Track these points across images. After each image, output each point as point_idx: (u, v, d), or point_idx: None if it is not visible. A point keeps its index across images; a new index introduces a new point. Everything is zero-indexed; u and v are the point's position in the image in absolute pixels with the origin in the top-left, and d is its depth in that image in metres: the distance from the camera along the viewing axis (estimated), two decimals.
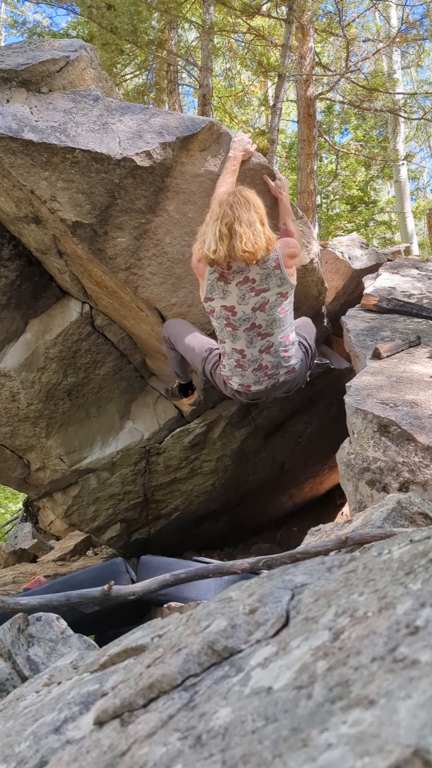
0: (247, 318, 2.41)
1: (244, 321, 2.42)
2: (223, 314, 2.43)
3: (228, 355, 2.54)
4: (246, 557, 2.33)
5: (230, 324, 2.44)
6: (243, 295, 2.37)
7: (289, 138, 14.22)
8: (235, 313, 2.41)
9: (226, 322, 2.44)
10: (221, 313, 2.43)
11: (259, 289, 2.36)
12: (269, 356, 2.50)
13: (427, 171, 17.67)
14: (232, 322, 2.43)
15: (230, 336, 2.47)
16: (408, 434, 1.95)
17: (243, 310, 2.40)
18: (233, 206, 2.26)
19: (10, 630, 1.34)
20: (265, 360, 2.50)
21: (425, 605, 0.55)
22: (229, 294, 2.37)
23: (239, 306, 2.39)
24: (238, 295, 2.37)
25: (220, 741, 0.52)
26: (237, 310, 2.40)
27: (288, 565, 0.86)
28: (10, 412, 3.49)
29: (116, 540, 4.17)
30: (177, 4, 7.43)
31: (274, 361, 2.51)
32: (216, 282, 2.37)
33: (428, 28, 7.98)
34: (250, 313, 2.40)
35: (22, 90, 2.59)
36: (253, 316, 2.41)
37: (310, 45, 7.82)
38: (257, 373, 2.54)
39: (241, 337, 2.45)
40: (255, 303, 2.38)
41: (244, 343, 2.46)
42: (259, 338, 2.45)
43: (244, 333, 2.44)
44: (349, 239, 4.19)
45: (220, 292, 2.38)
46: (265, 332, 2.45)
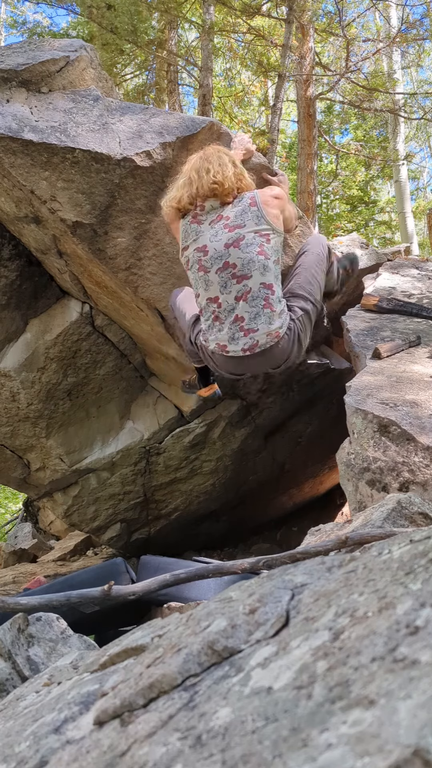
0: (219, 256, 2.22)
1: (216, 260, 2.23)
2: (196, 257, 2.27)
3: (204, 309, 2.32)
4: (246, 557, 2.33)
5: (202, 267, 2.26)
6: (216, 233, 2.25)
7: (289, 138, 14.22)
8: (207, 252, 2.24)
9: (199, 266, 2.27)
10: (195, 258, 2.28)
11: (232, 225, 2.24)
12: (246, 304, 2.22)
13: (427, 171, 17.67)
14: (204, 264, 2.25)
15: (203, 282, 2.27)
16: (408, 434, 1.95)
17: (215, 246, 2.24)
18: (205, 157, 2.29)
19: (10, 630, 1.34)
20: (240, 309, 2.22)
21: (425, 605, 0.55)
22: (202, 234, 2.27)
23: (211, 243, 2.24)
24: (210, 233, 2.25)
25: (220, 741, 0.52)
26: (209, 247, 2.24)
27: (288, 565, 0.86)
28: (10, 412, 3.49)
29: (116, 540, 4.17)
30: (177, 4, 7.43)
31: (251, 312, 2.22)
32: (189, 225, 2.29)
33: (428, 28, 7.98)
34: (222, 250, 2.22)
35: (22, 90, 2.59)
36: (225, 253, 2.22)
37: (310, 45, 7.82)
38: (233, 327, 2.25)
39: (213, 282, 2.24)
40: (228, 239, 2.22)
41: (218, 288, 2.23)
42: (234, 281, 2.22)
43: (217, 275, 2.23)
44: (349, 239, 4.19)
45: (194, 235, 2.28)
46: (241, 273, 2.21)
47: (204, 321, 2.33)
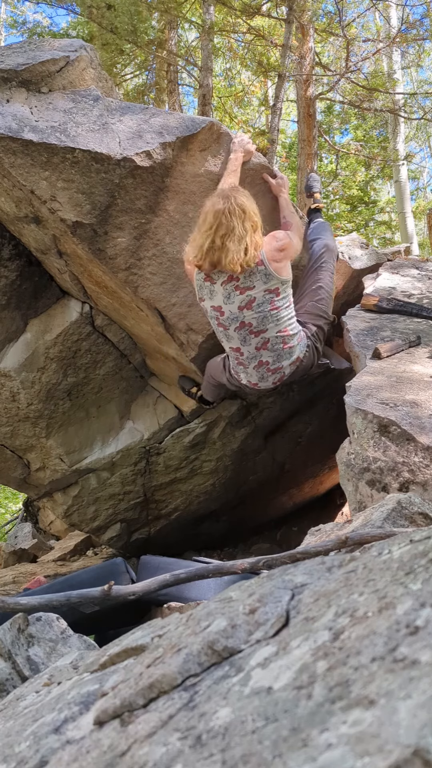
0: (235, 317, 2.39)
1: (232, 320, 2.41)
2: (213, 314, 2.44)
3: (229, 354, 2.57)
4: (246, 557, 2.33)
5: (221, 324, 2.44)
6: (228, 295, 2.35)
7: (289, 138, 14.22)
8: (223, 313, 2.40)
9: (217, 322, 2.45)
10: (212, 314, 2.44)
11: (243, 287, 2.34)
12: (267, 352, 2.47)
13: (427, 171, 17.67)
14: (222, 322, 2.43)
15: (224, 336, 2.48)
16: (408, 434, 1.95)
17: (230, 309, 2.38)
18: (228, 216, 2.22)
19: (10, 630, 1.34)
20: (264, 356, 2.48)
21: (425, 605, 0.55)
22: (215, 294, 2.37)
23: (225, 305, 2.38)
24: (223, 294, 2.36)
25: (220, 741, 0.52)
26: (224, 309, 2.39)
27: (288, 565, 0.86)
28: (10, 412, 3.49)
29: (116, 540, 4.17)
30: (177, 4, 7.43)
31: (273, 356, 2.48)
32: (203, 282, 2.38)
33: (428, 28, 7.98)
34: (237, 312, 2.38)
35: (22, 90, 2.59)
36: (240, 315, 2.38)
37: (310, 45, 7.82)
38: (259, 370, 2.52)
39: (233, 336, 2.45)
40: (240, 302, 2.36)
41: (238, 341, 2.45)
42: (253, 336, 2.43)
43: (236, 332, 2.43)
44: (349, 239, 4.19)
45: (208, 293, 2.39)
46: (258, 329, 2.41)
47: (230, 361, 2.59)
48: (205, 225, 2.26)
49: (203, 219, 2.29)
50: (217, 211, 2.23)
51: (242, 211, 2.24)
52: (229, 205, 2.23)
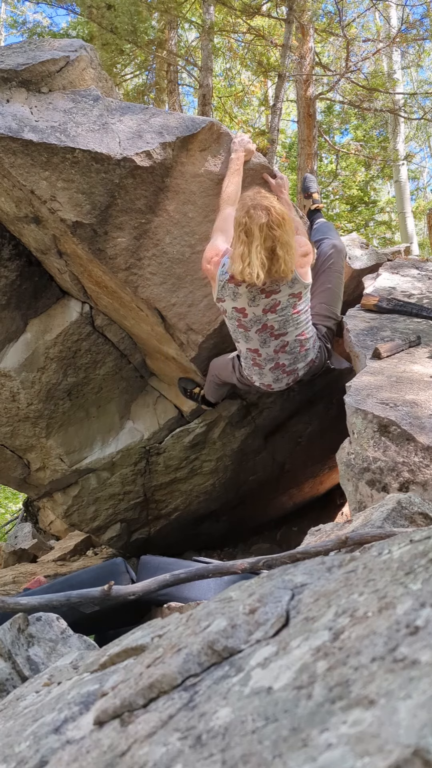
0: (258, 320, 2.41)
1: (255, 322, 2.41)
2: (234, 315, 2.43)
3: (244, 355, 2.57)
4: (246, 557, 2.33)
5: (242, 325, 2.44)
6: (253, 297, 2.36)
7: (289, 138, 14.22)
8: (246, 315, 2.40)
9: (238, 323, 2.45)
10: (233, 315, 2.43)
11: (269, 291, 2.34)
12: (285, 355, 2.51)
13: (427, 171, 17.67)
14: (244, 324, 2.43)
15: (243, 337, 2.48)
16: (408, 434, 1.95)
17: (254, 312, 2.39)
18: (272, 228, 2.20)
19: (10, 630, 1.34)
20: (281, 359, 2.52)
21: (425, 605, 0.55)
22: (240, 296, 2.36)
23: (249, 308, 2.38)
24: (248, 297, 2.36)
25: (220, 741, 0.52)
26: (248, 311, 2.39)
27: (288, 565, 0.86)
28: (10, 412, 3.49)
29: (116, 540, 4.17)
30: (177, 4, 7.43)
31: (290, 358, 2.53)
32: (227, 283, 2.36)
33: (428, 28, 7.98)
34: (261, 315, 2.39)
35: (22, 90, 2.59)
36: (264, 318, 2.40)
37: (310, 45, 7.82)
38: (275, 371, 2.55)
39: (253, 338, 2.46)
40: (265, 305, 2.37)
41: (258, 343, 2.47)
42: (273, 339, 2.46)
43: (257, 334, 2.44)
44: (349, 239, 4.19)
45: (231, 294, 2.37)
46: (279, 332, 2.44)
47: (243, 362, 2.60)
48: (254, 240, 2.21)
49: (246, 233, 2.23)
50: (261, 225, 2.20)
51: (283, 219, 2.23)
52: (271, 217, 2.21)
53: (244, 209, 2.26)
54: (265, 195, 2.32)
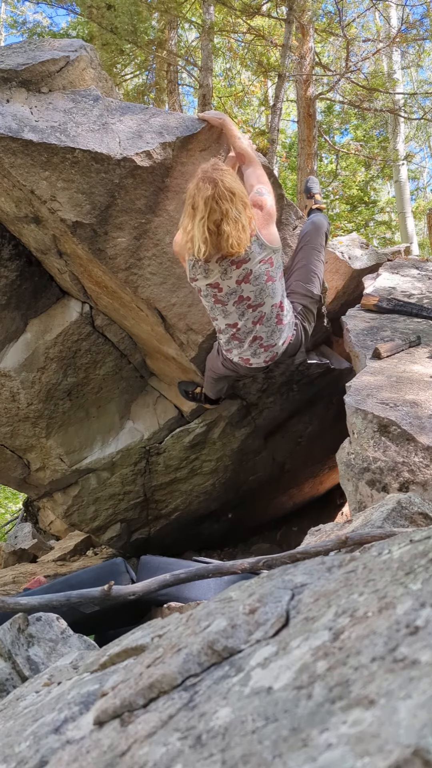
0: (234, 291, 2.39)
1: (231, 295, 2.40)
2: (210, 292, 2.42)
3: (222, 331, 2.55)
4: (246, 557, 2.33)
5: (219, 300, 2.43)
6: (224, 270, 2.35)
7: (289, 138, 14.22)
8: (221, 289, 2.39)
9: (215, 299, 2.43)
10: (208, 292, 2.42)
11: (239, 261, 2.33)
12: (262, 326, 2.49)
13: (427, 171, 17.67)
14: (220, 298, 2.42)
15: (221, 312, 2.47)
16: (408, 434, 1.95)
17: (228, 284, 2.38)
18: (219, 201, 2.17)
19: (10, 630, 1.34)
20: (258, 331, 2.49)
21: (425, 605, 0.55)
22: (211, 272, 2.36)
23: (223, 281, 2.37)
24: (219, 271, 2.35)
25: (220, 741, 0.52)
26: (222, 285, 2.38)
27: (288, 565, 0.86)
28: (10, 412, 3.49)
29: (116, 540, 4.17)
30: (177, 4, 7.43)
31: (267, 331, 2.50)
32: (196, 263, 2.36)
33: (428, 28, 7.98)
34: (236, 287, 2.38)
35: (22, 90, 2.59)
36: (239, 289, 2.39)
37: (310, 45, 7.82)
38: (253, 345, 2.53)
39: (232, 311, 2.45)
40: (238, 276, 2.36)
41: (236, 316, 2.46)
42: (250, 310, 2.44)
43: (234, 306, 2.43)
44: (349, 239, 4.19)
45: (202, 272, 2.37)
46: (256, 303, 2.43)
47: (222, 337, 2.57)
48: (197, 213, 2.20)
49: (192, 206, 2.22)
50: (207, 197, 2.17)
51: (231, 194, 2.19)
52: (217, 190, 2.17)
53: (194, 181, 2.24)
54: (218, 167, 2.26)
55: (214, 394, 3.18)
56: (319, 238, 2.79)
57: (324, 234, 2.82)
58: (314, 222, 2.84)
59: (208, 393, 3.18)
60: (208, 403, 3.32)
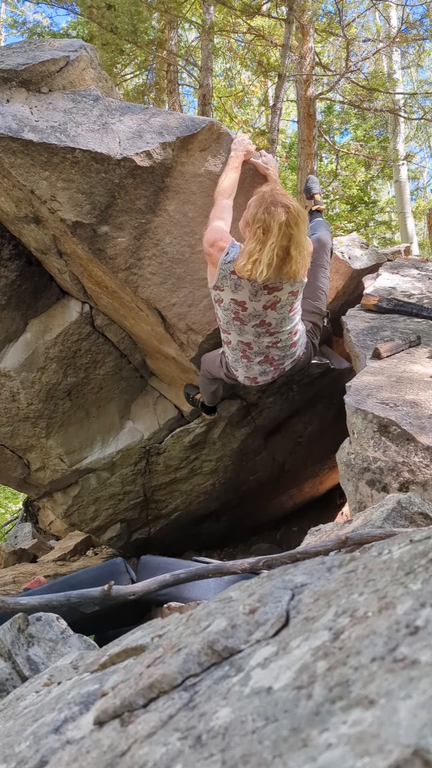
0: (257, 315, 2.39)
1: (253, 317, 2.39)
2: (232, 308, 2.39)
3: (233, 347, 2.53)
4: (246, 557, 2.33)
5: (239, 318, 2.41)
6: (255, 292, 2.32)
7: (289, 138, 14.23)
8: (246, 309, 2.37)
9: (234, 316, 2.41)
10: (230, 306, 2.39)
11: (272, 287, 2.32)
12: (276, 350, 2.51)
13: (427, 171, 17.68)
14: (241, 317, 2.41)
15: (237, 329, 2.46)
16: (408, 434, 1.95)
17: (254, 306, 2.36)
18: (291, 226, 2.17)
19: (10, 630, 1.34)
20: (272, 353, 2.52)
21: (425, 605, 0.55)
22: (242, 289, 2.32)
23: (250, 302, 2.35)
24: (250, 291, 2.32)
25: (220, 741, 0.52)
26: (248, 306, 2.36)
27: (288, 565, 0.86)
28: (10, 412, 3.49)
29: (116, 540, 4.17)
30: (177, 4, 7.43)
31: (281, 354, 2.54)
32: (230, 274, 2.31)
33: (428, 28, 7.98)
34: (261, 311, 2.38)
35: (22, 90, 2.58)
36: (263, 314, 2.38)
37: (310, 45, 7.82)
38: (264, 365, 2.56)
39: (249, 332, 2.45)
40: (267, 301, 2.35)
41: (252, 337, 2.46)
42: (267, 335, 2.46)
43: (253, 328, 2.43)
44: (349, 239, 4.19)
45: (232, 285, 2.33)
46: (275, 330, 2.45)
47: (230, 353, 2.57)
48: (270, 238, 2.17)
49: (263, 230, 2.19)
50: (281, 223, 2.16)
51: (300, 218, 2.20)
52: (290, 216, 2.17)
53: (263, 205, 2.20)
54: (283, 192, 2.28)
55: (208, 398, 3.16)
56: (326, 255, 2.82)
57: (329, 251, 2.86)
58: (320, 239, 2.85)
59: (203, 394, 3.17)
60: (204, 411, 3.31)
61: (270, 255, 2.18)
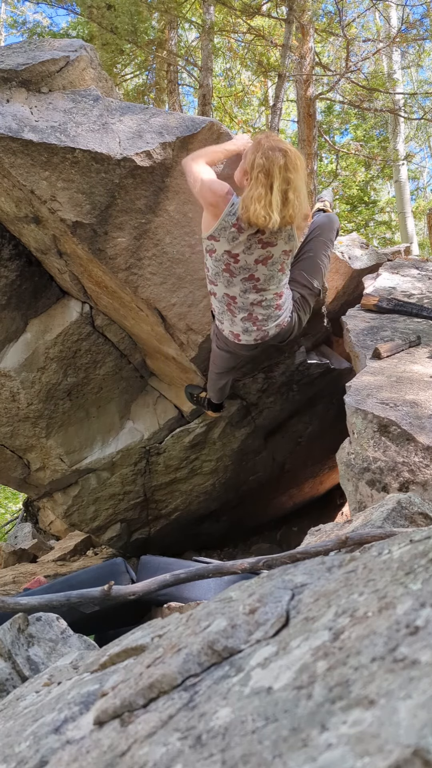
0: (248, 269, 2.39)
1: (244, 270, 2.40)
2: (224, 259, 2.39)
3: (219, 299, 2.53)
4: (246, 557, 2.33)
5: (229, 270, 2.42)
6: (250, 246, 2.35)
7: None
8: (238, 261, 2.38)
9: (225, 268, 2.41)
10: (222, 258, 2.39)
11: (266, 242, 2.34)
12: (260, 309, 2.50)
13: (427, 171, 17.68)
14: (232, 269, 2.41)
15: (225, 281, 2.45)
16: (408, 434, 1.95)
17: (246, 260, 2.37)
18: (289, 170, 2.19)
19: (10, 630, 1.34)
20: (255, 311, 2.51)
21: (425, 605, 0.55)
22: (238, 242, 2.33)
23: (243, 255, 2.36)
24: (245, 244, 2.34)
25: (220, 741, 0.52)
26: (240, 258, 2.37)
27: (288, 565, 0.86)
28: (10, 412, 3.49)
29: (116, 540, 4.17)
30: (177, 4, 7.43)
31: (265, 313, 2.51)
32: (231, 226, 2.30)
33: (428, 28, 7.98)
34: (252, 265, 2.39)
35: (22, 90, 2.58)
36: (254, 268, 2.39)
37: (310, 45, 7.82)
38: (246, 322, 2.54)
39: (236, 285, 2.44)
40: (259, 255, 2.36)
41: (238, 291, 2.46)
42: (254, 291, 2.45)
43: (241, 282, 2.43)
44: (349, 239, 4.19)
45: (229, 237, 2.32)
46: (261, 287, 2.44)
47: (216, 306, 2.57)
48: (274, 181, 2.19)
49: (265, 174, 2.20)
50: (281, 166, 2.18)
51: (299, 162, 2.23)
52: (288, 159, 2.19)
53: (260, 151, 2.21)
54: (277, 138, 2.30)
55: (216, 395, 3.17)
56: (331, 232, 2.78)
57: (336, 230, 2.81)
58: (329, 216, 2.84)
59: (211, 393, 3.17)
60: (211, 409, 3.31)
61: (277, 199, 2.19)
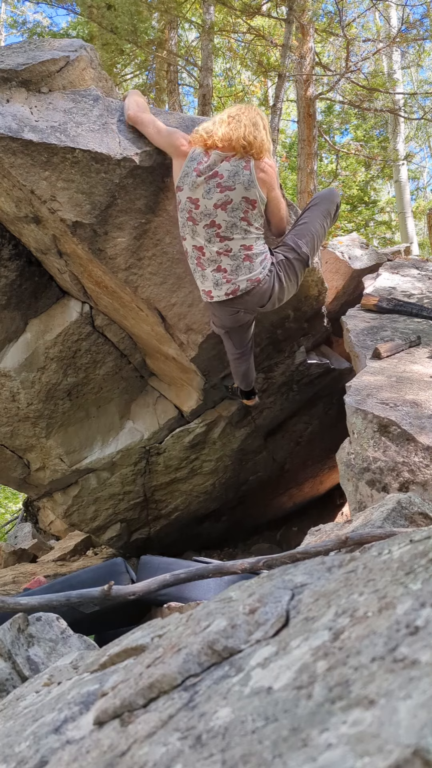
0: (208, 213, 2.44)
1: (204, 216, 2.44)
2: (187, 207, 2.46)
3: (189, 254, 2.57)
4: (246, 557, 2.33)
5: (192, 218, 2.47)
6: (209, 190, 2.41)
7: (289, 138, 14.23)
8: (198, 206, 2.44)
9: (188, 216, 2.47)
10: (186, 206, 2.47)
11: (224, 186, 2.40)
12: (228, 259, 2.50)
13: (427, 171, 17.68)
14: (194, 216, 2.46)
15: (191, 231, 2.50)
16: (408, 434, 1.95)
17: (205, 204, 2.43)
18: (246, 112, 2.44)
19: (10, 630, 1.34)
20: (223, 262, 2.50)
21: (425, 605, 0.55)
22: (197, 186, 2.42)
23: (203, 200, 2.42)
24: (204, 188, 2.41)
25: (220, 741, 0.52)
26: (200, 203, 2.43)
27: (288, 565, 0.86)
28: (10, 412, 3.49)
29: (116, 540, 4.17)
30: (177, 4, 7.43)
31: (233, 264, 2.50)
32: (191, 171, 2.42)
33: (428, 28, 7.98)
34: (212, 209, 2.43)
35: (22, 90, 2.58)
36: (213, 213, 2.44)
37: (310, 45, 7.82)
38: (216, 274, 2.52)
39: (200, 233, 2.48)
40: (218, 199, 2.42)
41: (203, 239, 2.49)
42: (218, 239, 2.47)
43: (203, 229, 2.47)
44: (349, 239, 4.19)
45: (191, 183, 2.42)
46: (224, 234, 2.46)
47: (191, 266, 2.61)
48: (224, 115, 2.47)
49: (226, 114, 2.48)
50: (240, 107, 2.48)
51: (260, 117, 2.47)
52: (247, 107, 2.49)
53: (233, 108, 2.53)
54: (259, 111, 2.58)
55: (243, 382, 3.14)
56: (331, 205, 2.78)
57: (336, 204, 2.81)
58: (332, 190, 2.87)
59: (237, 381, 3.17)
60: (244, 397, 3.31)
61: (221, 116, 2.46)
